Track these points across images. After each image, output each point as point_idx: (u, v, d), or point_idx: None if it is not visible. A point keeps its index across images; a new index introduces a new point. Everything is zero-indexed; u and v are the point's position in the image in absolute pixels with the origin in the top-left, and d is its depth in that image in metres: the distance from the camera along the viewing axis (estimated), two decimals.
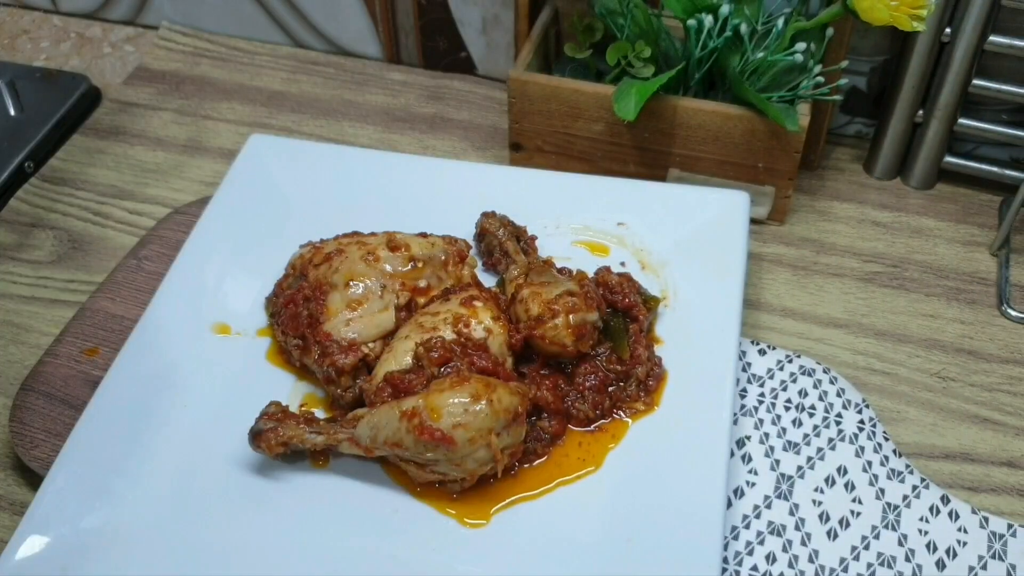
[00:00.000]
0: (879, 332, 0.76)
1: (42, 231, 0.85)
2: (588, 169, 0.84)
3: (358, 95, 0.99)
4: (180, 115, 0.97)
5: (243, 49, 1.05)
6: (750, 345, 0.71)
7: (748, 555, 0.60)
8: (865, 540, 0.61)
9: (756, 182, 0.81)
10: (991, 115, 0.84)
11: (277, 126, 0.96)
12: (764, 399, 0.68)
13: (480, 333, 0.65)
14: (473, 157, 0.92)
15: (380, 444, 0.59)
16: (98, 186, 0.89)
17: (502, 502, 0.61)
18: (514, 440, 0.60)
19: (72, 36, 1.08)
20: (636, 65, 0.80)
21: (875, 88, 0.88)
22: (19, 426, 0.67)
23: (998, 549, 0.60)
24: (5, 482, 0.67)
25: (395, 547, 0.59)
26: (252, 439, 0.61)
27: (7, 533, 0.63)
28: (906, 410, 0.70)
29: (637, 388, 0.66)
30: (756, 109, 0.77)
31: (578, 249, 0.76)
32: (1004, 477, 0.67)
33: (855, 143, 0.92)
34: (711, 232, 0.74)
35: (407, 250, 0.70)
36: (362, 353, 0.66)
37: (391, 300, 0.68)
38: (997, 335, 0.76)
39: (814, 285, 0.79)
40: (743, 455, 0.65)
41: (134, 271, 0.77)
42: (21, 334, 0.77)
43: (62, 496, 0.60)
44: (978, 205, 0.86)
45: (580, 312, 0.65)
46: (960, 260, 0.81)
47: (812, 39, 0.76)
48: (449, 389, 0.58)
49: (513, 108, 0.83)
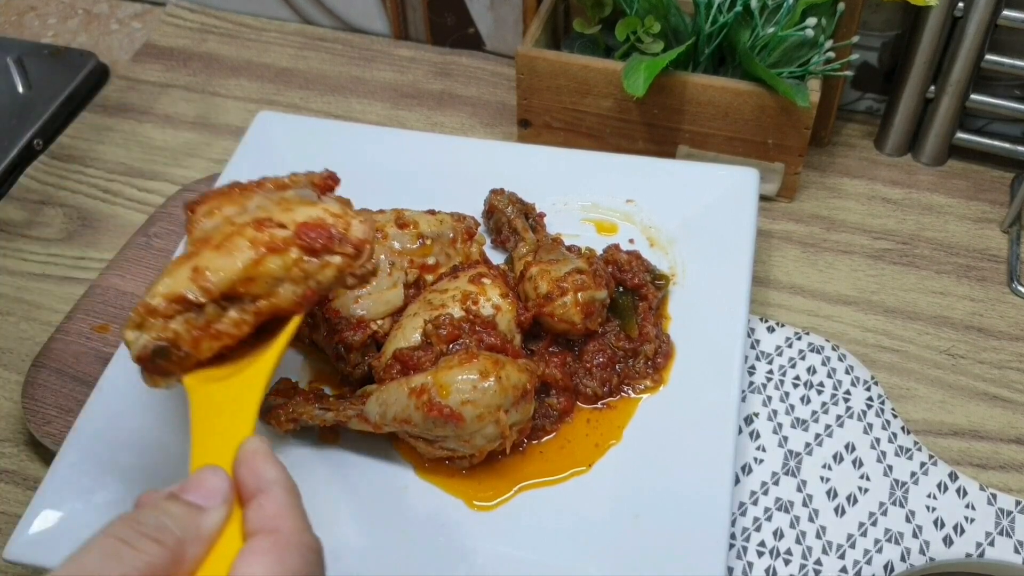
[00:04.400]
0: (888, 309, 0.76)
1: (52, 208, 0.85)
2: (597, 146, 0.84)
3: (366, 72, 0.99)
4: (188, 92, 0.97)
5: (251, 26, 1.05)
6: (759, 322, 0.71)
7: (756, 531, 0.61)
8: (873, 516, 0.61)
9: (766, 159, 0.81)
10: (1003, 91, 0.83)
11: (285, 103, 0.95)
12: (772, 376, 0.68)
13: (488, 310, 0.65)
14: (481, 134, 0.92)
15: (389, 421, 0.59)
16: (107, 163, 0.90)
17: (510, 477, 0.61)
18: (522, 417, 0.60)
19: (79, 13, 1.08)
20: (645, 41, 0.79)
21: (886, 64, 0.87)
22: (31, 402, 0.67)
23: (1006, 526, 0.61)
24: (18, 457, 0.68)
25: (404, 522, 0.60)
26: (262, 415, 0.61)
27: (21, 508, 0.64)
28: (915, 387, 0.70)
29: (645, 365, 0.66)
30: (766, 85, 0.76)
31: (587, 226, 0.76)
32: (1012, 454, 0.67)
33: (866, 119, 0.91)
34: (720, 209, 0.74)
35: (415, 227, 0.70)
36: (371, 330, 0.66)
37: (400, 277, 0.68)
38: (1007, 312, 0.75)
39: (823, 262, 0.79)
40: (751, 432, 0.65)
41: (143, 248, 0.78)
42: (32, 311, 0.77)
43: (75, 471, 0.60)
44: (989, 182, 0.86)
45: (589, 290, 0.65)
46: (971, 237, 0.81)
47: (823, 14, 0.75)
48: (458, 366, 0.58)
49: (521, 84, 0.83)
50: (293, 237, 0.52)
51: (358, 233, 0.54)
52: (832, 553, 0.60)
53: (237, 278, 0.51)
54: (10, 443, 0.69)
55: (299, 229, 0.53)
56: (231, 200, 0.57)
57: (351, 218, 0.55)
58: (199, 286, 0.51)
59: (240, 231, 0.52)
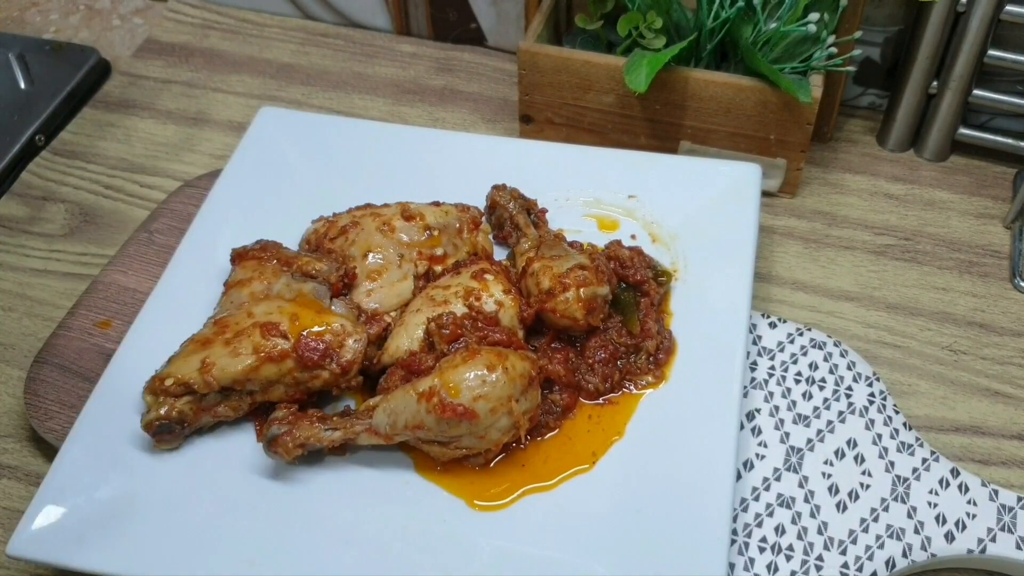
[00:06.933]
0: (890, 305, 0.76)
1: (54, 204, 0.85)
2: (599, 142, 0.84)
3: (368, 67, 0.99)
4: (190, 88, 0.97)
5: (252, 21, 1.04)
6: (761, 318, 0.71)
7: (757, 527, 0.61)
8: (874, 512, 0.61)
9: (768, 154, 0.81)
10: (1006, 86, 0.83)
11: (287, 99, 0.95)
12: (774, 372, 0.68)
13: (491, 306, 0.65)
14: (483, 129, 0.92)
15: (400, 429, 0.59)
16: (109, 159, 0.90)
17: (512, 474, 0.62)
18: (531, 404, 0.60)
19: (81, 8, 1.08)
20: (647, 36, 0.79)
21: (889, 59, 0.87)
22: (34, 398, 0.67)
23: (1007, 522, 0.61)
24: (21, 453, 0.68)
25: (405, 519, 0.60)
26: (267, 445, 0.60)
27: (24, 503, 0.64)
28: (917, 383, 0.70)
29: (647, 361, 0.66)
30: (768, 81, 0.76)
31: (588, 222, 0.76)
32: (1014, 450, 0.67)
33: (868, 115, 0.91)
34: (722, 205, 0.74)
35: (422, 219, 0.71)
36: (385, 323, 0.66)
37: (409, 269, 0.69)
38: (1009, 308, 0.75)
39: (825, 258, 0.79)
40: (753, 428, 0.65)
41: (145, 244, 0.78)
42: (34, 307, 0.77)
43: (77, 467, 0.60)
44: (992, 177, 0.86)
45: (591, 286, 0.65)
46: (973, 233, 0.81)
47: (825, 9, 0.75)
48: (463, 364, 0.59)
49: (523, 80, 0.82)
50: (291, 350, 0.62)
51: (348, 355, 0.63)
52: (834, 549, 0.60)
53: (237, 378, 0.61)
54: (12, 439, 0.69)
55: (298, 343, 0.62)
56: (262, 272, 0.67)
57: (347, 336, 0.63)
58: (204, 379, 0.61)
59: (249, 332, 0.62)
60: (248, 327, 0.63)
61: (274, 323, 0.63)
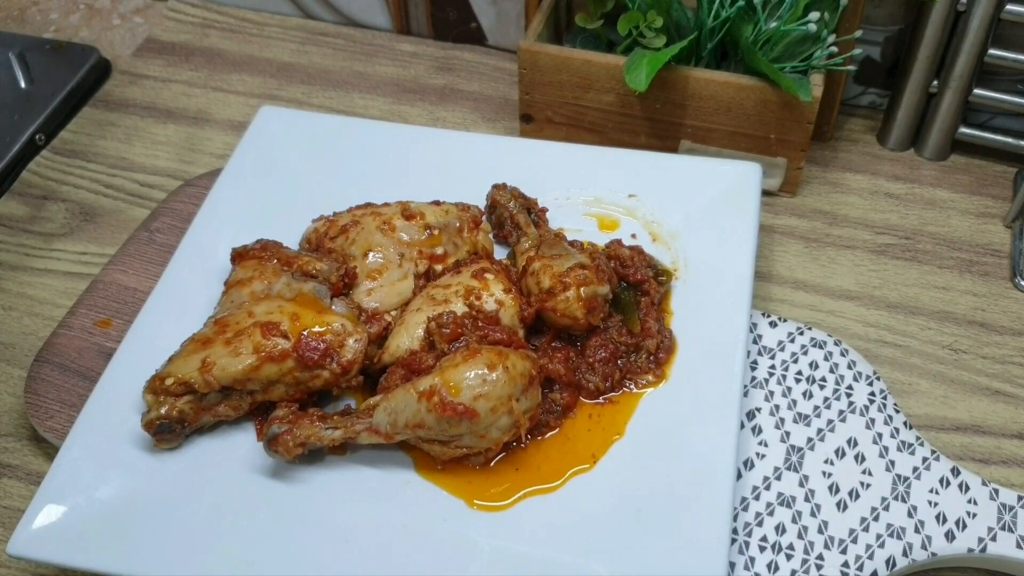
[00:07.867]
0: (891, 304, 0.76)
1: (54, 203, 0.86)
2: (599, 141, 0.84)
3: (368, 67, 0.99)
4: (190, 87, 0.97)
5: (252, 20, 1.04)
6: (761, 317, 0.71)
7: (758, 526, 0.61)
8: (875, 512, 0.61)
9: (768, 153, 0.81)
10: (1007, 85, 0.83)
11: (287, 98, 0.95)
12: (775, 371, 0.68)
13: (491, 306, 0.65)
14: (483, 129, 0.92)
15: (401, 428, 0.59)
16: (109, 158, 0.90)
17: (513, 473, 0.62)
18: (532, 403, 0.60)
19: (81, 8, 1.08)
20: (648, 35, 0.79)
21: (889, 58, 0.87)
22: (34, 397, 0.67)
23: (1008, 521, 0.61)
24: (21, 452, 0.68)
25: (405, 518, 0.60)
26: (267, 445, 0.60)
27: (24, 503, 0.64)
28: (917, 382, 0.70)
29: (647, 361, 0.66)
30: (769, 80, 0.76)
31: (589, 221, 0.76)
32: (1015, 449, 0.67)
33: (868, 114, 0.91)
34: (723, 204, 0.74)
35: (422, 218, 0.71)
36: (385, 322, 0.66)
37: (410, 268, 0.69)
38: (1010, 307, 0.75)
39: (826, 257, 0.79)
40: (753, 427, 0.65)
41: (146, 243, 0.78)
42: (35, 306, 0.77)
43: (77, 466, 0.60)
44: (992, 176, 0.86)
45: (591, 285, 0.65)
46: (973, 232, 0.81)
47: (826, 8, 0.75)
48: (464, 363, 0.59)
49: (523, 79, 0.82)
50: (291, 350, 0.62)
51: (348, 355, 0.62)
52: (834, 548, 0.60)
53: (237, 377, 0.61)
54: (13, 438, 0.69)
55: (298, 343, 0.62)
56: (263, 272, 0.67)
57: (348, 336, 0.63)
58: (204, 379, 0.61)
59: (250, 332, 0.62)
60: (248, 327, 0.63)
61: (274, 323, 0.63)
